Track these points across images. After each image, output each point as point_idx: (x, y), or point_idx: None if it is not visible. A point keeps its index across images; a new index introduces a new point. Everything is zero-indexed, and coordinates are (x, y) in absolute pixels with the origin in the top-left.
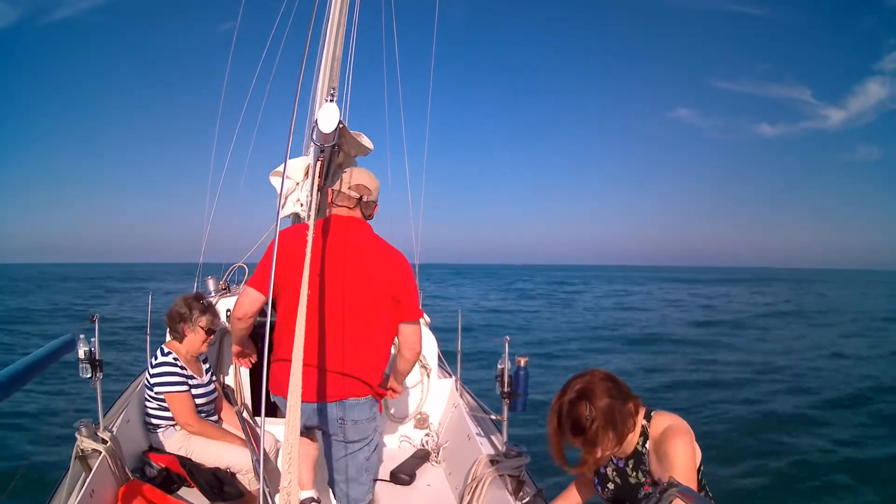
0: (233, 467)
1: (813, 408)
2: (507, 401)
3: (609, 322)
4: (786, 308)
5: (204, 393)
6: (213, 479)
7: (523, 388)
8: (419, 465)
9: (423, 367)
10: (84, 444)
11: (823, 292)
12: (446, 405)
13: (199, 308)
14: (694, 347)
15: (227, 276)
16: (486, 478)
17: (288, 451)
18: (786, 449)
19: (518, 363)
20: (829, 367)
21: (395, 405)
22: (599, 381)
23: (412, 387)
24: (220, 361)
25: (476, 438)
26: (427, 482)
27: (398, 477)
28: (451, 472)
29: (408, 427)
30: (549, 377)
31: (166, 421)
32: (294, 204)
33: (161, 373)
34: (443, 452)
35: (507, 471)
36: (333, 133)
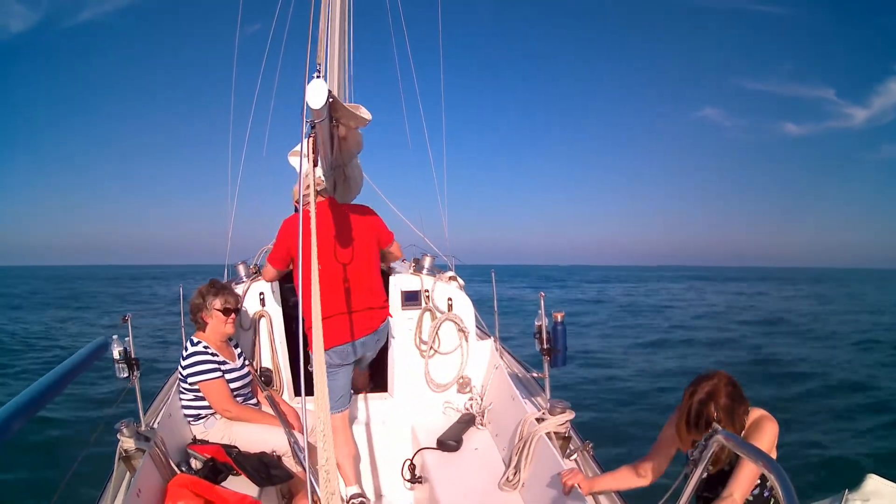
0: (278, 450)
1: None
2: (548, 357)
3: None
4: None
5: (239, 377)
6: (260, 465)
7: (562, 344)
8: (465, 429)
9: (460, 330)
10: (126, 444)
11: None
12: (487, 367)
13: (210, 293)
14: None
15: (256, 259)
16: (532, 437)
17: (322, 430)
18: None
19: (555, 318)
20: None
21: (435, 371)
22: (724, 385)
23: (451, 351)
24: (256, 345)
25: (520, 398)
26: (475, 446)
27: (445, 444)
28: (498, 433)
29: (450, 393)
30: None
31: (206, 410)
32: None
33: (193, 363)
34: (487, 415)
35: (552, 428)
36: (323, 108)
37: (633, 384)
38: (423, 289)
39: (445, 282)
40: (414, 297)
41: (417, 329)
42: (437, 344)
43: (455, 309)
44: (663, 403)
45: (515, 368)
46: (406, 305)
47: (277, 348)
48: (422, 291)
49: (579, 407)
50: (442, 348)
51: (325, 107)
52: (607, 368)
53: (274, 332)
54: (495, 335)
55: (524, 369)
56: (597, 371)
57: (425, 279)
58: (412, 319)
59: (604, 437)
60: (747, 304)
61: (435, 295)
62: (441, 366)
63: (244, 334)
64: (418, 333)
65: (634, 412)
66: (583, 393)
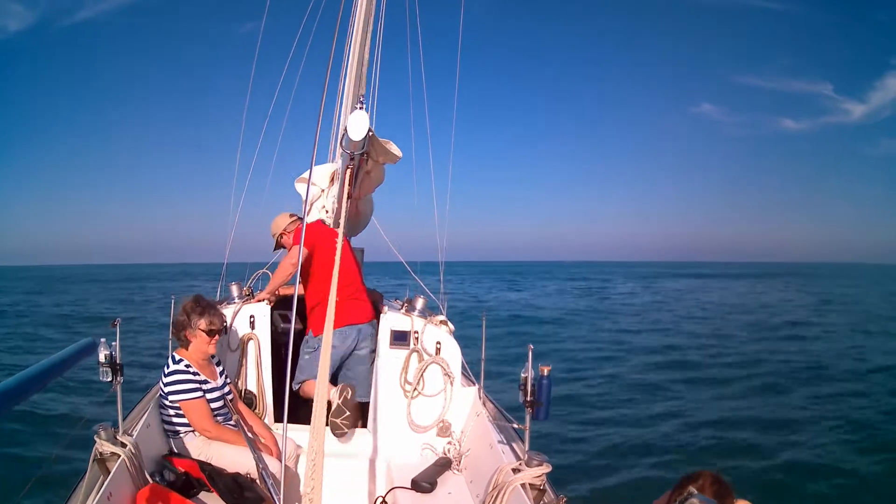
0: (253, 472)
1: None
2: (530, 410)
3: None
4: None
5: (219, 396)
6: (234, 485)
7: (546, 398)
8: (440, 472)
9: (446, 374)
10: (103, 447)
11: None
12: (469, 413)
13: (196, 312)
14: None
15: (250, 282)
16: (507, 486)
17: (312, 458)
18: None
19: (541, 372)
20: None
21: (417, 413)
22: (709, 486)
23: (435, 395)
24: (242, 367)
25: (498, 447)
26: (448, 490)
27: (419, 485)
28: (473, 480)
29: (430, 435)
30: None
31: (185, 427)
32: (319, 211)
33: (174, 381)
34: (464, 460)
35: (528, 479)
36: (363, 140)
37: (615, 434)
38: (412, 330)
39: (436, 325)
40: (403, 337)
41: (403, 369)
42: (422, 386)
43: (443, 353)
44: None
45: (497, 417)
46: (394, 344)
47: (263, 372)
48: (411, 332)
49: (557, 461)
50: (426, 391)
51: (364, 139)
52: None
53: (261, 355)
54: (480, 383)
55: (506, 419)
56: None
57: (416, 320)
58: (399, 359)
59: (579, 499)
60: (744, 308)
61: (424, 337)
62: (423, 408)
63: (231, 355)
64: (404, 374)
65: (616, 468)
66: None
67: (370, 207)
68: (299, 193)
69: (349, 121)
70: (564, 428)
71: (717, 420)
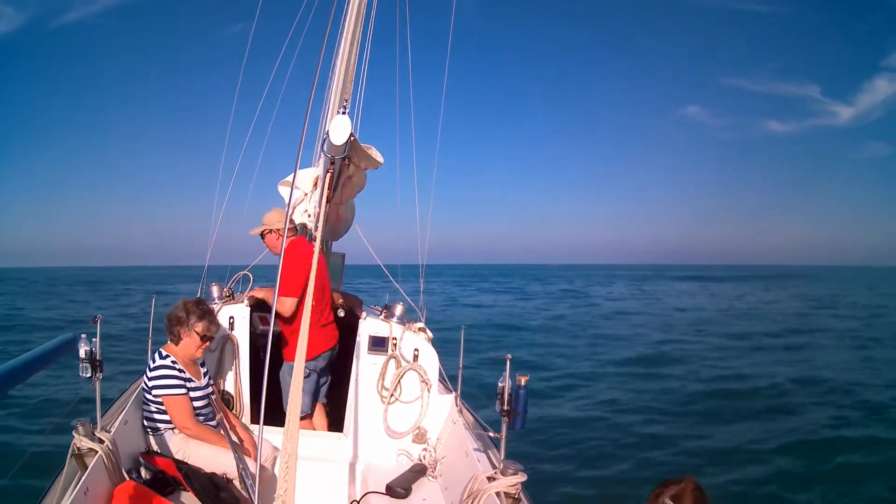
0: (229, 473)
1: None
2: (507, 419)
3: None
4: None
5: (202, 396)
6: (210, 485)
7: (523, 407)
8: (415, 479)
9: (423, 381)
10: (81, 442)
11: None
12: (445, 421)
13: (196, 314)
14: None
15: (231, 283)
16: (481, 494)
17: (285, 459)
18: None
19: (519, 382)
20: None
21: (393, 419)
22: (691, 491)
23: (412, 401)
24: (221, 368)
25: (473, 454)
26: (423, 496)
27: (394, 490)
28: (448, 487)
29: (406, 441)
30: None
31: (165, 424)
32: (302, 214)
33: (159, 375)
34: (440, 467)
35: (503, 488)
36: (344, 145)
37: (595, 443)
38: (391, 336)
39: (414, 332)
40: (381, 343)
41: (381, 375)
42: (399, 392)
43: (420, 360)
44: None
45: (473, 426)
46: (372, 350)
47: (241, 373)
48: (389, 338)
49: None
50: (403, 397)
51: (346, 144)
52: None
53: (240, 356)
54: (457, 391)
55: (482, 428)
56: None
57: (394, 327)
58: (377, 365)
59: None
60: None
61: (402, 343)
62: (400, 414)
63: (209, 355)
64: (381, 380)
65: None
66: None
67: (352, 212)
68: (282, 196)
69: (331, 125)
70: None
71: (697, 431)
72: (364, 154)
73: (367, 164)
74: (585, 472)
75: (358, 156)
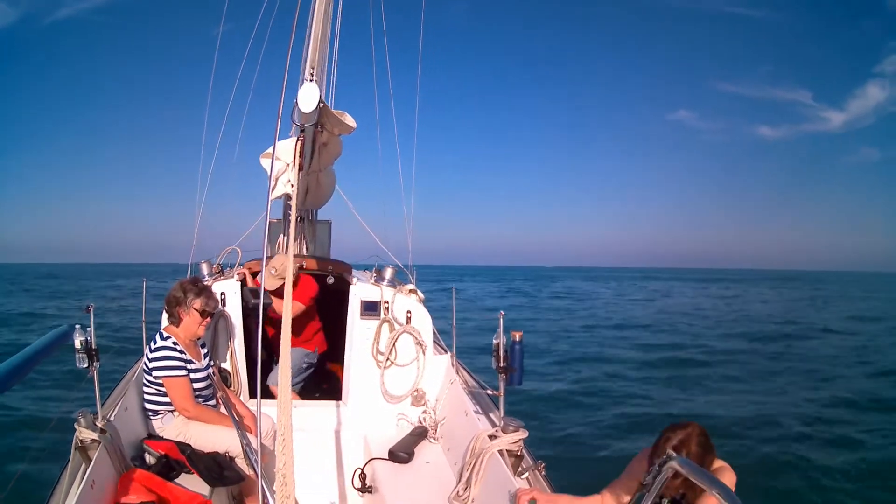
0: (231, 451)
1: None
2: (504, 375)
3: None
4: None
5: (202, 377)
6: (213, 464)
7: (519, 363)
8: (417, 442)
9: (418, 343)
10: (83, 434)
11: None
12: (443, 381)
13: (193, 291)
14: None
15: (220, 259)
16: (484, 453)
17: (282, 433)
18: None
19: (513, 337)
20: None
21: (391, 383)
22: (697, 435)
23: (408, 364)
24: (215, 345)
25: (473, 414)
26: (426, 459)
27: (396, 455)
28: (450, 448)
29: (405, 405)
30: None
31: (164, 407)
32: (285, 185)
33: (160, 357)
34: (440, 429)
35: (505, 445)
36: (313, 113)
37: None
38: (382, 300)
39: (405, 294)
40: (373, 307)
41: (375, 339)
42: (394, 356)
43: (414, 322)
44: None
45: (471, 385)
46: (365, 315)
47: (235, 349)
48: (381, 302)
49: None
50: (399, 360)
51: (315, 111)
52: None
53: (234, 332)
54: (452, 350)
55: (480, 386)
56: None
57: (385, 290)
58: (370, 329)
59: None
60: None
61: (394, 307)
62: (397, 377)
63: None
64: (376, 344)
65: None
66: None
67: (332, 179)
68: (265, 169)
69: (299, 94)
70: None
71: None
72: (336, 120)
73: (341, 130)
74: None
75: (331, 122)
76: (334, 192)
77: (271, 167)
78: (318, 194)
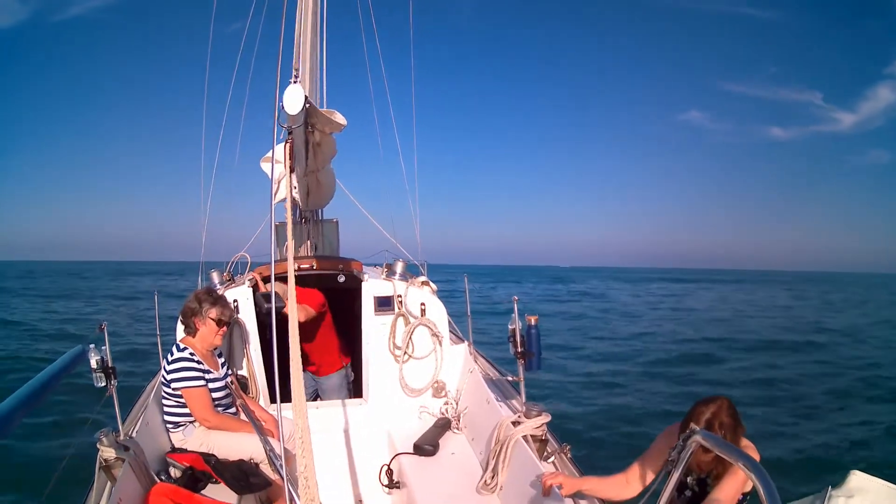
0: (256, 457)
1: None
2: (522, 361)
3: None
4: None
5: (221, 387)
6: (239, 472)
7: (536, 347)
8: (441, 434)
9: (434, 334)
10: (106, 453)
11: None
12: (462, 371)
13: (208, 301)
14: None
15: (229, 267)
16: (509, 440)
17: (300, 436)
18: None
19: (529, 322)
20: None
21: (410, 376)
22: (726, 408)
23: (425, 356)
24: (232, 353)
25: (495, 402)
26: (451, 450)
27: (422, 448)
28: (474, 437)
29: (426, 397)
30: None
31: (185, 418)
32: (287, 187)
33: (177, 368)
34: (463, 419)
35: (529, 431)
36: (300, 114)
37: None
38: (395, 294)
39: (418, 287)
40: (387, 302)
41: (391, 334)
42: (411, 349)
43: (428, 314)
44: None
45: (490, 372)
46: (379, 311)
47: (252, 355)
48: (394, 297)
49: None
50: (416, 353)
51: (301, 112)
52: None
53: (249, 339)
54: (469, 339)
55: (499, 373)
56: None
57: (398, 284)
58: (385, 325)
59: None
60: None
61: (408, 300)
62: (415, 371)
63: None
64: (392, 339)
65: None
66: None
67: (332, 178)
68: (265, 173)
69: (284, 96)
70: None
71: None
72: (325, 119)
73: (332, 128)
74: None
75: (321, 121)
76: (337, 190)
77: (272, 171)
78: (319, 194)
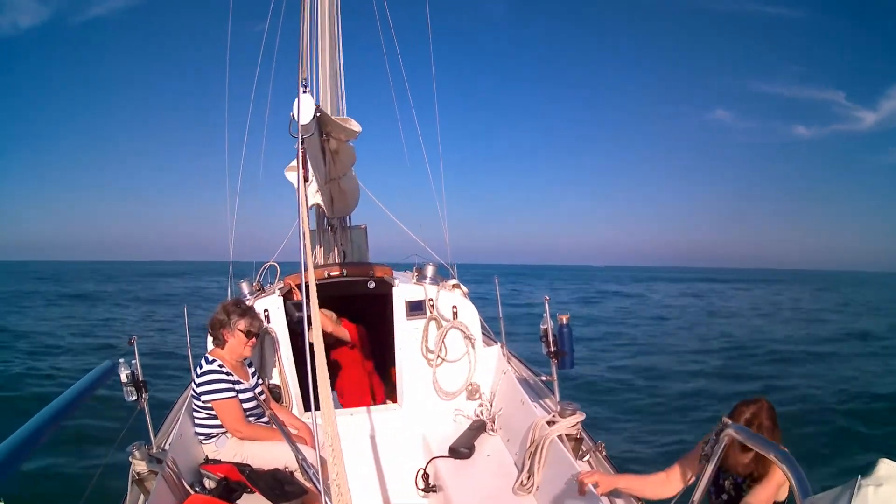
0: (290, 466)
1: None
2: (555, 360)
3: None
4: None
5: (251, 397)
6: (274, 481)
7: (569, 346)
8: (476, 436)
9: (466, 337)
10: (139, 467)
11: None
12: (495, 372)
13: (237, 312)
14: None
15: (259, 276)
16: (544, 440)
17: (330, 444)
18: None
19: (561, 321)
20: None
21: (444, 380)
22: (766, 409)
23: (459, 359)
24: (263, 362)
25: (529, 402)
26: (487, 452)
27: (458, 451)
28: (509, 438)
29: (460, 400)
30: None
31: (218, 429)
32: (314, 195)
33: (207, 381)
34: (498, 421)
35: (564, 430)
36: (311, 123)
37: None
38: (426, 298)
39: (449, 290)
40: (418, 306)
41: (423, 338)
42: (444, 352)
43: (460, 316)
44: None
45: (524, 373)
46: (411, 315)
47: (284, 364)
48: (426, 301)
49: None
50: (449, 356)
51: (313, 122)
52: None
53: (280, 348)
54: (502, 341)
55: (532, 373)
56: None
57: (429, 288)
58: (418, 329)
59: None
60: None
61: (439, 303)
62: (449, 374)
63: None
64: (424, 342)
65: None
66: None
67: (355, 184)
68: (290, 182)
69: (294, 106)
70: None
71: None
72: (339, 126)
73: (347, 136)
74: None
75: (335, 129)
76: (364, 196)
77: (298, 180)
78: (343, 201)
